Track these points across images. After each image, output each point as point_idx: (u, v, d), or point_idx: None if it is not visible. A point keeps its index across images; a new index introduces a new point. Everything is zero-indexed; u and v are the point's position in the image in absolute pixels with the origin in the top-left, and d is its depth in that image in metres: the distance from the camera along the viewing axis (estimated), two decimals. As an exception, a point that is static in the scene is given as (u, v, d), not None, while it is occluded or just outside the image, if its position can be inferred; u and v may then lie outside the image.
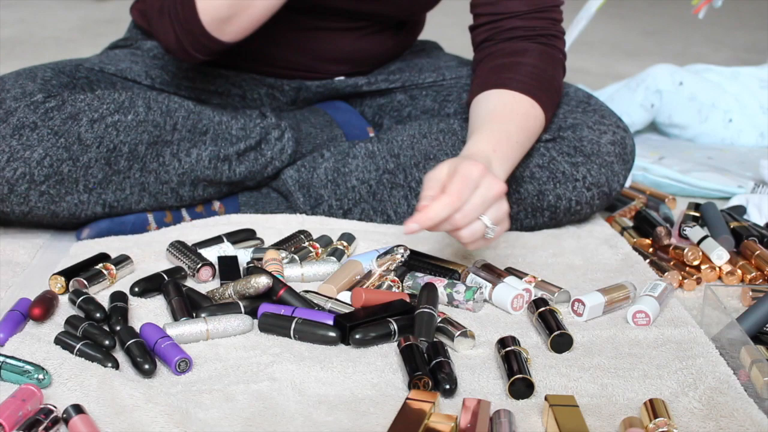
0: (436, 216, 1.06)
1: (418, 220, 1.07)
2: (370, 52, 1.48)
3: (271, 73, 1.45)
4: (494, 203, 1.09)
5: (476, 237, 1.09)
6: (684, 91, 1.96)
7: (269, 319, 1.05)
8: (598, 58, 3.09)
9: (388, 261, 1.19)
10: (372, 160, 1.38)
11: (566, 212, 1.35)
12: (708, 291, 1.12)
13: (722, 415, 0.91)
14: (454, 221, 1.07)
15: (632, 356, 1.02)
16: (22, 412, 0.86)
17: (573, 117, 1.36)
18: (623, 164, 1.36)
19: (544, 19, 1.35)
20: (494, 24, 1.35)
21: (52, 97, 1.26)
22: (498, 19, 1.34)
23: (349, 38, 1.44)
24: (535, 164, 1.32)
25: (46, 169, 1.25)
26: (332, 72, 1.48)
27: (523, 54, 1.32)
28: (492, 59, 1.34)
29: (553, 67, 1.34)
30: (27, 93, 1.27)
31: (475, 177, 1.07)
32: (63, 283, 1.14)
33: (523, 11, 1.34)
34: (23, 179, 1.25)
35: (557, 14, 1.36)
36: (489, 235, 1.10)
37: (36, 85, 1.29)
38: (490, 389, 0.96)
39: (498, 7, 1.34)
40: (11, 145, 1.24)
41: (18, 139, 1.24)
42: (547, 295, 1.15)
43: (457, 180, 1.07)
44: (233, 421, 0.89)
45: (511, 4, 1.34)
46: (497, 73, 1.30)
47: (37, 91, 1.28)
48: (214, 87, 1.44)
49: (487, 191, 1.08)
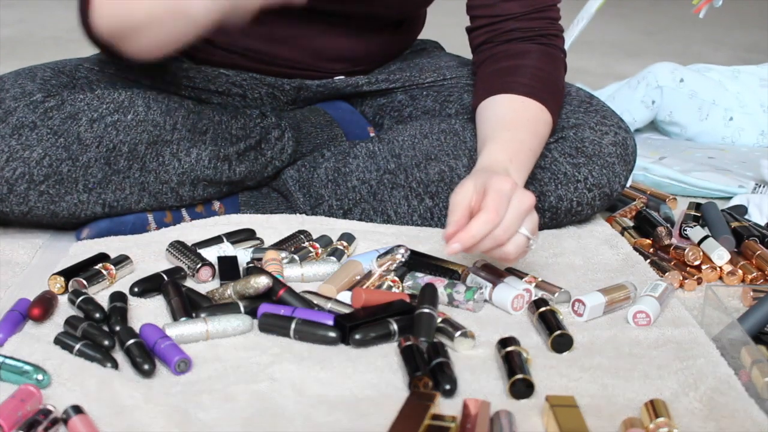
0: (478, 233, 1.06)
1: (460, 239, 1.06)
2: (369, 50, 1.48)
3: (272, 72, 1.45)
4: (528, 215, 1.09)
5: (520, 250, 1.09)
6: (685, 88, 1.96)
7: (269, 319, 1.05)
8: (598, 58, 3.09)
9: (388, 261, 1.19)
10: (373, 160, 1.37)
11: (567, 213, 1.35)
12: (709, 291, 1.12)
13: (723, 416, 0.91)
14: (496, 238, 1.07)
15: (633, 356, 1.02)
16: (21, 413, 0.86)
17: (575, 117, 1.36)
18: (624, 165, 1.36)
19: (542, 19, 1.35)
20: (492, 26, 1.35)
21: (51, 97, 1.26)
22: (496, 21, 1.34)
23: (347, 37, 1.44)
24: (537, 165, 1.32)
25: (45, 168, 1.25)
26: (332, 70, 1.47)
27: (524, 56, 1.32)
28: (493, 62, 1.33)
29: (556, 68, 1.33)
30: (26, 92, 1.27)
31: (507, 191, 1.08)
32: (62, 283, 1.14)
33: (521, 12, 1.33)
34: (22, 179, 1.25)
35: (554, 12, 1.36)
36: (533, 246, 1.10)
37: (35, 85, 1.28)
38: (490, 389, 0.95)
39: (495, 10, 1.34)
40: (10, 145, 1.24)
41: (17, 139, 1.24)
42: (547, 296, 1.14)
43: (493, 196, 1.07)
44: (233, 422, 0.88)
45: (508, 6, 1.34)
46: (501, 76, 1.30)
47: (36, 90, 1.27)
48: (214, 86, 1.44)
49: (520, 204, 1.08)
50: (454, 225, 1.07)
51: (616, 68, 2.94)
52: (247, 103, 1.46)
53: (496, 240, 1.07)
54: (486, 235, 1.06)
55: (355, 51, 1.47)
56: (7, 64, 2.50)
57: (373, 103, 1.52)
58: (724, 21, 3.71)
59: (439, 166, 1.34)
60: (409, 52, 1.58)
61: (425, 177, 1.35)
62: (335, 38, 1.43)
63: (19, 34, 3.15)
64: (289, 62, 1.44)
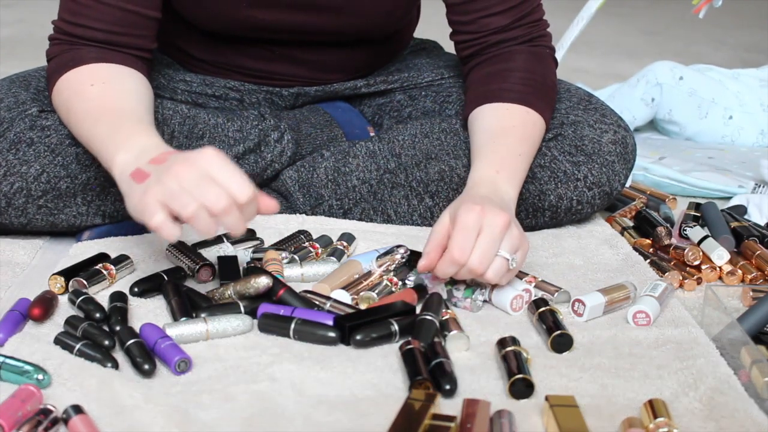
0: (444, 274, 1.09)
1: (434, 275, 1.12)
2: (365, 60, 1.48)
3: (270, 84, 1.45)
4: (504, 235, 1.09)
5: (501, 273, 1.09)
6: (684, 85, 1.96)
7: (269, 319, 1.05)
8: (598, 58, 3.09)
9: (388, 261, 1.19)
10: (373, 160, 1.37)
11: (567, 212, 1.35)
12: (708, 291, 1.12)
13: (723, 416, 0.91)
14: (472, 270, 1.08)
15: (632, 356, 1.02)
16: (22, 413, 0.86)
17: (575, 114, 1.36)
18: (624, 164, 1.36)
19: (526, 26, 1.34)
20: (477, 41, 1.34)
21: (46, 113, 1.26)
22: (480, 36, 1.34)
23: (339, 51, 1.44)
24: (536, 164, 1.32)
25: (43, 185, 1.25)
26: (331, 80, 1.47)
27: (510, 59, 1.32)
28: (481, 68, 1.34)
29: (543, 66, 1.34)
30: (20, 102, 1.27)
31: (472, 224, 1.08)
32: (62, 283, 1.14)
33: (505, 25, 1.33)
34: (20, 193, 1.24)
35: (538, 14, 1.36)
36: (513, 265, 1.10)
37: (29, 94, 1.28)
38: (490, 389, 0.95)
39: (479, 26, 1.33)
40: (7, 159, 1.24)
41: (14, 154, 1.24)
42: (547, 296, 1.14)
43: (457, 235, 1.08)
44: (233, 422, 0.88)
45: (490, 21, 1.33)
46: (487, 83, 1.31)
47: (30, 101, 1.27)
48: (211, 90, 1.44)
49: (492, 230, 1.08)
50: (426, 258, 1.10)
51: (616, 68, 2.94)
52: (244, 107, 1.46)
53: (472, 272, 1.08)
54: (455, 273, 1.09)
55: (352, 63, 1.47)
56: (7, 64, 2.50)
57: (372, 103, 1.52)
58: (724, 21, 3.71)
59: (439, 166, 1.34)
60: (408, 53, 1.58)
61: (425, 176, 1.35)
62: (329, 54, 1.43)
63: (19, 34, 3.15)
64: (287, 76, 1.45)
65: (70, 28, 1.26)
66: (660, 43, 3.48)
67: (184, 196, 1.00)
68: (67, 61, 1.24)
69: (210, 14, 1.34)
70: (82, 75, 1.22)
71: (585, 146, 1.33)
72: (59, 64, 1.24)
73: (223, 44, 1.41)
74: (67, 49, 1.25)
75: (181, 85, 1.43)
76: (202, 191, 1.00)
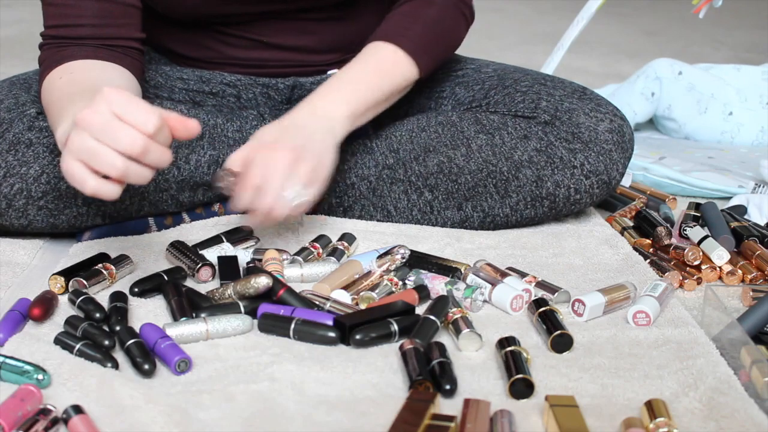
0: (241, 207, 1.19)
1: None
2: (354, 36, 1.47)
3: (266, 73, 1.45)
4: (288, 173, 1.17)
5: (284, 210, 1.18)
6: (683, 80, 1.96)
7: (269, 319, 1.05)
8: (598, 58, 3.10)
9: (388, 261, 1.19)
10: (371, 156, 1.37)
11: (566, 201, 1.35)
12: (708, 291, 1.12)
13: (723, 416, 0.91)
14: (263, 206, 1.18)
15: (632, 356, 1.02)
16: (22, 413, 0.86)
17: (569, 101, 1.36)
18: (622, 152, 1.36)
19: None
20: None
21: (44, 114, 1.26)
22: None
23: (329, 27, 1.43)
24: (533, 148, 1.32)
25: (43, 185, 1.25)
26: (326, 62, 1.47)
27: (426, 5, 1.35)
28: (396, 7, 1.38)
29: (453, 19, 1.37)
30: (20, 104, 1.27)
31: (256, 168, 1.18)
32: (62, 283, 1.14)
33: None
34: (20, 195, 1.25)
35: None
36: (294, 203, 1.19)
37: (29, 96, 1.28)
38: (490, 389, 0.95)
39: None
40: (7, 160, 1.24)
41: (14, 155, 1.24)
42: (547, 296, 1.14)
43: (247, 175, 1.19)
44: (233, 421, 0.88)
45: None
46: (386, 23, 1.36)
47: (30, 102, 1.27)
48: (208, 88, 1.44)
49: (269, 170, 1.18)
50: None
51: (616, 68, 2.94)
52: (241, 104, 1.46)
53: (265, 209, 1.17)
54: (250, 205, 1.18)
55: (342, 40, 1.46)
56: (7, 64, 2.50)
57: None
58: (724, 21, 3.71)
59: (438, 158, 1.34)
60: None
61: (424, 170, 1.35)
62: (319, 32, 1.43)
63: (19, 34, 3.15)
64: (279, 63, 1.44)
65: (55, 31, 1.27)
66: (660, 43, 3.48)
67: (102, 153, 0.97)
68: (51, 62, 1.24)
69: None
70: (57, 72, 1.23)
71: (581, 134, 1.33)
72: (45, 67, 1.25)
73: (204, 35, 1.40)
74: (56, 52, 1.26)
75: (179, 83, 1.43)
76: (113, 136, 0.97)
